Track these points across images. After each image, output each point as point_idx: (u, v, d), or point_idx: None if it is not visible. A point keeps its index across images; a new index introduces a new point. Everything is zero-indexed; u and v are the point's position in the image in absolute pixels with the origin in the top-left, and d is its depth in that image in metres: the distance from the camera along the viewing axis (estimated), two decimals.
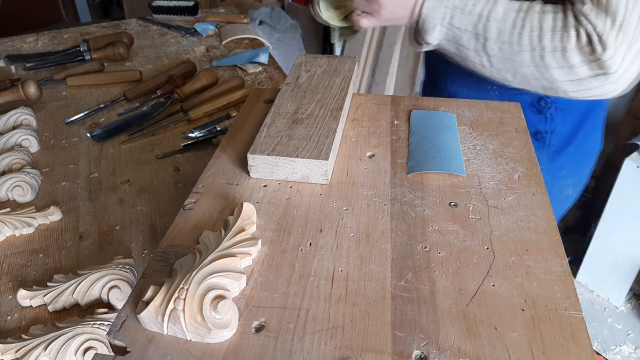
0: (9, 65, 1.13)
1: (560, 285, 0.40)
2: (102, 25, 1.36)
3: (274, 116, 0.56)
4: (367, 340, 0.36)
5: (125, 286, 0.58)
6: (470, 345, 0.35)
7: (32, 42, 1.27)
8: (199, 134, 0.87)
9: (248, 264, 0.42)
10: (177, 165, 0.82)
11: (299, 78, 0.64)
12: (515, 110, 0.62)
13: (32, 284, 0.61)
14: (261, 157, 0.51)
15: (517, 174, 0.51)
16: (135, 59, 1.18)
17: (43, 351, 0.50)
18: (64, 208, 0.73)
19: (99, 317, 0.54)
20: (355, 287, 0.40)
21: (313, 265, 0.42)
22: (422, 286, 0.40)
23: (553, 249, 0.43)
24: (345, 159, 0.55)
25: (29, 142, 0.84)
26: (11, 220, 0.68)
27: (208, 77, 1.01)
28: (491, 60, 0.70)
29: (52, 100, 1.00)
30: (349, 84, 0.62)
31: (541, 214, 0.46)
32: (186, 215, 0.48)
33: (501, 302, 0.38)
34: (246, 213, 0.45)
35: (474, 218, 0.46)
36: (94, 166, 0.82)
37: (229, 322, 0.36)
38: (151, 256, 0.52)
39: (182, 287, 0.37)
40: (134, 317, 0.38)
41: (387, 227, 0.45)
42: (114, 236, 0.69)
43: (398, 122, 0.61)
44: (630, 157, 1.44)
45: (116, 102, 0.99)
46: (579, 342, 0.35)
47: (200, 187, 0.51)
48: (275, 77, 1.10)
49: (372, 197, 0.49)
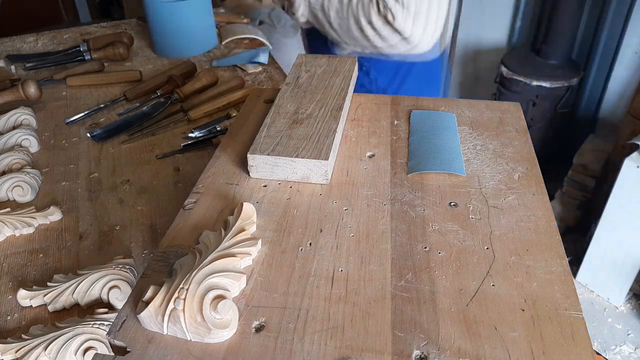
0: (9, 65, 1.13)
1: (560, 285, 0.40)
2: (102, 25, 1.36)
3: (274, 116, 0.56)
4: (367, 340, 0.36)
5: (125, 286, 0.58)
6: (470, 345, 0.35)
7: (32, 42, 1.27)
8: (199, 134, 0.87)
9: (248, 264, 0.42)
10: (177, 165, 0.82)
11: (299, 78, 0.64)
12: (515, 110, 0.63)
13: (32, 284, 0.61)
14: (261, 157, 0.51)
15: (517, 174, 0.51)
16: (135, 59, 1.18)
17: (43, 351, 0.50)
18: (64, 208, 0.73)
19: (99, 317, 0.54)
20: (355, 287, 0.40)
21: (313, 265, 0.42)
22: (422, 286, 0.40)
23: (553, 249, 0.43)
24: (345, 159, 0.55)
25: (29, 142, 0.84)
26: (11, 220, 0.68)
27: (208, 77, 1.01)
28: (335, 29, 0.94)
29: (52, 100, 1.00)
30: (349, 83, 0.62)
31: (541, 214, 0.46)
32: (186, 215, 0.48)
33: (501, 302, 0.38)
34: (246, 213, 0.45)
35: (474, 218, 0.46)
36: (94, 166, 0.82)
37: (229, 322, 0.36)
38: (151, 256, 0.52)
39: (182, 287, 0.37)
40: (134, 317, 0.38)
41: (387, 227, 0.45)
42: (114, 236, 0.69)
43: (398, 122, 0.61)
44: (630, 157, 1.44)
45: (116, 102, 0.99)
46: (579, 342, 0.35)
47: (200, 187, 0.51)
48: (275, 77, 1.10)
49: (372, 197, 0.49)
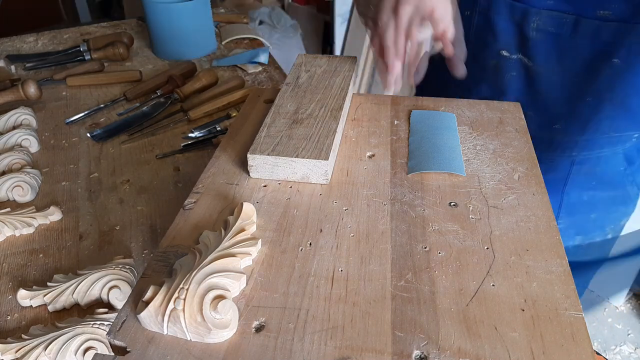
0: (9, 65, 1.13)
1: (560, 285, 0.40)
2: (102, 25, 1.36)
3: (274, 116, 0.56)
4: (367, 340, 0.36)
5: (125, 286, 0.58)
6: (470, 345, 0.35)
7: (32, 42, 1.27)
8: (199, 134, 0.87)
9: (248, 264, 0.42)
10: (177, 165, 0.82)
11: (299, 78, 0.64)
12: (515, 110, 0.62)
13: (32, 284, 0.61)
14: (261, 157, 0.51)
15: (517, 174, 0.51)
16: (135, 59, 1.18)
17: (43, 351, 0.50)
18: (64, 208, 0.73)
19: (99, 317, 0.54)
20: (355, 287, 0.40)
21: (313, 265, 0.42)
22: (422, 286, 0.40)
23: (553, 249, 0.43)
24: (345, 159, 0.55)
25: (29, 142, 0.84)
26: (11, 220, 0.68)
27: (208, 77, 1.01)
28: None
29: (52, 100, 1.00)
30: (349, 83, 0.62)
31: (541, 214, 0.46)
32: (186, 215, 0.48)
33: (501, 302, 0.38)
34: (246, 213, 0.45)
35: (474, 218, 0.46)
36: (94, 166, 0.82)
37: (229, 322, 0.36)
38: (151, 256, 0.52)
39: (182, 287, 0.37)
40: (134, 317, 0.38)
41: (387, 227, 0.45)
42: (114, 236, 0.69)
43: (398, 122, 0.61)
44: None
45: (116, 102, 0.99)
46: (579, 342, 0.35)
47: (200, 187, 0.51)
48: (275, 77, 1.10)
49: (372, 197, 0.49)
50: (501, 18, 0.73)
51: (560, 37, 0.70)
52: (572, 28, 0.68)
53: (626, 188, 0.84)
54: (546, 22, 0.70)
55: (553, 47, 0.71)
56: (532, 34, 0.71)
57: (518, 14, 0.71)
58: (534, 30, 0.71)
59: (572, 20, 0.68)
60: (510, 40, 0.73)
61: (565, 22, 0.68)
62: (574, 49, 0.70)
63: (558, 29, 0.69)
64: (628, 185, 0.84)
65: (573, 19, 0.68)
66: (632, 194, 0.86)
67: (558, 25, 0.69)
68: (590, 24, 0.68)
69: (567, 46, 0.71)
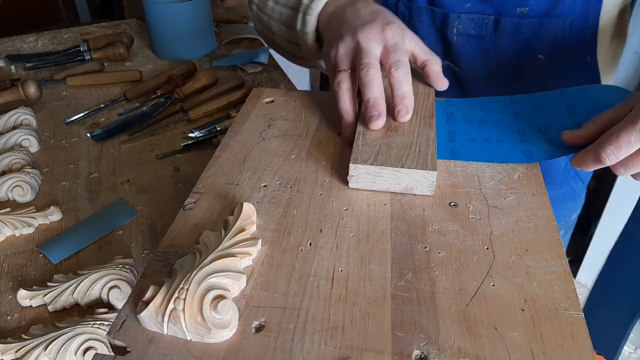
0: (9, 65, 1.13)
1: (560, 285, 0.40)
2: (102, 25, 1.36)
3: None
4: (367, 340, 0.36)
5: (125, 286, 0.58)
6: (470, 345, 0.35)
7: (32, 42, 1.27)
8: (199, 134, 0.87)
9: (248, 264, 0.42)
10: (177, 165, 0.82)
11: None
12: None
13: (32, 284, 0.61)
14: (363, 167, 0.48)
15: (517, 174, 0.51)
16: (135, 59, 1.18)
17: (43, 351, 0.50)
18: (64, 208, 0.73)
19: (99, 317, 0.54)
20: (355, 287, 0.40)
21: (313, 265, 0.42)
22: (422, 286, 0.40)
23: (553, 249, 0.43)
24: (345, 158, 0.55)
25: (29, 142, 0.84)
26: (11, 220, 0.68)
27: (208, 77, 1.01)
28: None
29: (52, 100, 1.00)
30: (433, 88, 0.60)
31: (541, 214, 0.46)
32: (186, 215, 0.48)
33: (501, 302, 0.38)
34: (246, 213, 0.45)
35: (474, 218, 0.46)
36: (94, 166, 0.82)
37: (229, 322, 0.36)
38: (151, 256, 0.52)
39: (182, 287, 0.37)
40: (134, 317, 0.38)
41: (387, 227, 0.45)
42: (114, 236, 0.69)
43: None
44: None
45: (116, 102, 0.99)
46: (579, 342, 0.35)
47: (200, 187, 0.51)
48: (275, 77, 1.10)
49: (372, 197, 0.49)
50: (423, 25, 0.72)
51: (483, 39, 0.70)
52: (493, 28, 0.68)
53: (570, 183, 0.84)
54: (467, 25, 0.69)
55: (477, 50, 0.71)
56: (455, 38, 0.71)
57: (439, 19, 0.71)
58: (456, 35, 0.70)
59: (492, 20, 0.67)
60: (435, 47, 0.72)
61: (486, 23, 0.68)
62: (498, 50, 0.70)
63: (479, 30, 0.69)
64: (571, 180, 0.84)
65: (493, 20, 0.67)
66: (577, 188, 0.86)
67: (479, 27, 0.69)
68: (510, 23, 0.67)
69: (491, 47, 0.70)
